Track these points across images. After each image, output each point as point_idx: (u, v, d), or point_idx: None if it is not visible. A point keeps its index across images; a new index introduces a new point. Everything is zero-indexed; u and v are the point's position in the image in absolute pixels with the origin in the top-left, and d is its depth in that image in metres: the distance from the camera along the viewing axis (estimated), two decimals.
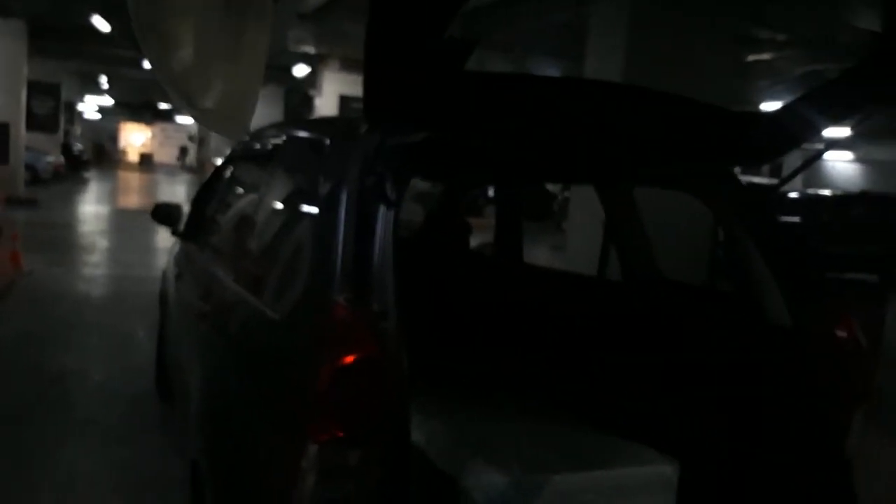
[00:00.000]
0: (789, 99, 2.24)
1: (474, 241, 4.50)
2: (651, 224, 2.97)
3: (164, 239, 4.12)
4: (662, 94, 2.06)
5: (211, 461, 2.13)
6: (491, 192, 10.99)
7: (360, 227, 1.72)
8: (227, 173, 3.57)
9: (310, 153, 2.25)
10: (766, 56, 11.33)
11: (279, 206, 2.51)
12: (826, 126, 2.19)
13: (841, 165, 25.58)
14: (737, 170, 2.51)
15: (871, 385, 2.16)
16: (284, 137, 2.68)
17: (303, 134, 2.51)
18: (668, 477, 2.14)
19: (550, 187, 20.52)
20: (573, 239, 7.01)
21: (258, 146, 3.04)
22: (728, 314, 2.49)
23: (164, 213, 3.97)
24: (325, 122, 3.30)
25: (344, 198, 1.79)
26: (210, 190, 3.74)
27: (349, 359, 1.54)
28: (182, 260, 3.69)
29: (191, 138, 40.75)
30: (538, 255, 7.17)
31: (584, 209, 6.44)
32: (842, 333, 2.14)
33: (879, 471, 2.53)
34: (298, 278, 1.90)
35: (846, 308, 2.24)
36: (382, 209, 1.72)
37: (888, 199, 14.11)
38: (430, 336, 2.98)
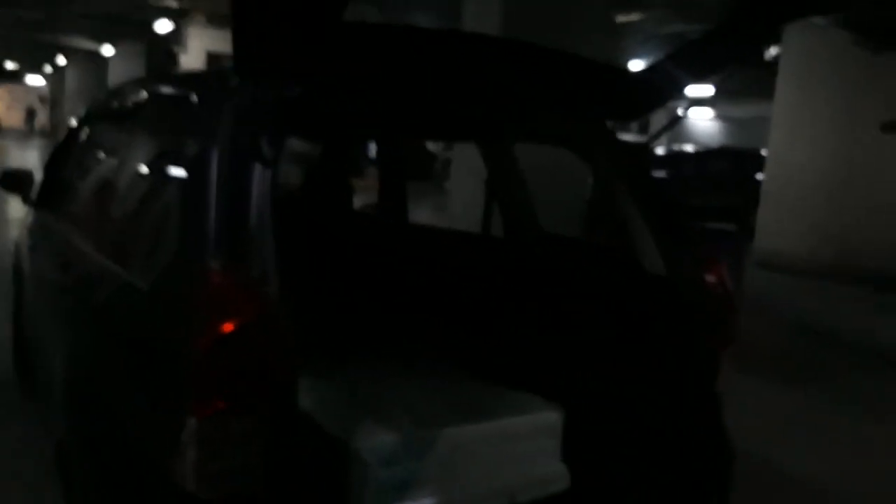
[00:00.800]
0: (656, 58, 2.30)
1: (357, 202, 4.43)
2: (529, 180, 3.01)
3: (18, 209, 3.79)
4: (538, 47, 2.06)
5: (78, 441, 2.01)
6: (373, 153, 10.90)
7: (234, 188, 1.62)
8: (84, 135, 3.30)
9: (175, 110, 2.09)
10: (634, 17, 11.74)
11: (144, 168, 2.34)
12: (691, 84, 2.27)
13: (702, 123, 27.15)
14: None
15: (736, 326, 2.30)
16: (146, 94, 2.50)
17: (167, 90, 2.34)
18: (553, 423, 2.21)
19: (431, 147, 20.60)
20: (455, 198, 7.07)
21: (117, 104, 2.81)
22: (606, 265, 2.57)
23: (12, 181, 3.64)
24: (192, 76, 3.09)
25: (215, 157, 1.68)
26: (65, 154, 3.45)
27: (227, 327, 1.46)
28: (37, 231, 3.40)
29: (41, 99, 37.58)
30: (421, 215, 7.18)
31: (465, 168, 6.50)
32: (711, 279, 2.27)
33: (740, 403, 2.73)
34: (168, 245, 1.77)
35: (714, 255, 2.37)
36: (258, 168, 1.62)
37: (745, 153, 15.16)
38: (316, 298, 2.92)
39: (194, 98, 1.98)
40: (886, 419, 4.78)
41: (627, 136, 16.38)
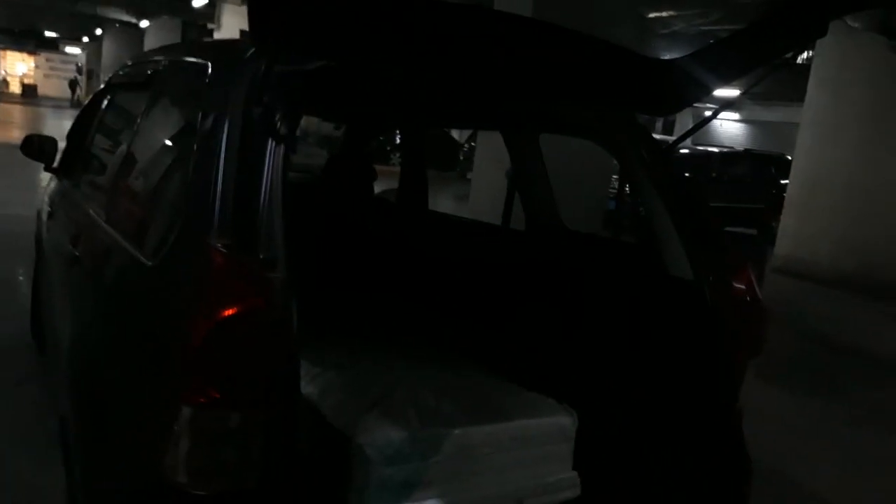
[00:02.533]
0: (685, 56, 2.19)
1: (379, 188, 4.34)
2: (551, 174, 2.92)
3: (48, 176, 3.77)
4: (569, 31, 1.94)
5: (80, 419, 1.94)
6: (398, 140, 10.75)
7: (244, 164, 1.53)
8: (104, 103, 3.24)
9: (190, 79, 2.01)
10: (665, 13, 11.54)
11: (156, 138, 2.26)
12: (719, 85, 2.16)
13: (728, 125, 26.82)
14: None
15: (764, 335, 2.20)
16: (165, 62, 2.42)
17: (185, 58, 2.26)
18: (567, 427, 2.13)
19: (456, 136, 20.47)
20: (478, 188, 6.97)
21: (137, 73, 2.75)
22: (629, 265, 2.47)
23: (35, 147, 3.60)
24: (210, 44, 3.01)
25: (225, 130, 1.59)
26: (86, 121, 3.40)
27: (228, 312, 1.36)
28: (56, 198, 3.37)
29: (79, 70, 37.71)
30: (443, 203, 7.10)
31: (489, 158, 6.39)
32: (739, 285, 2.16)
33: (759, 413, 2.63)
34: (174, 221, 1.69)
35: (744, 261, 2.26)
36: (271, 144, 1.53)
37: (769, 157, 14.93)
38: (328, 284, 2.85)
39: (209, 67, 1.89)
40: None
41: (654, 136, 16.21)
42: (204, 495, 1.40)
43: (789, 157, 11.84)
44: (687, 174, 13.89)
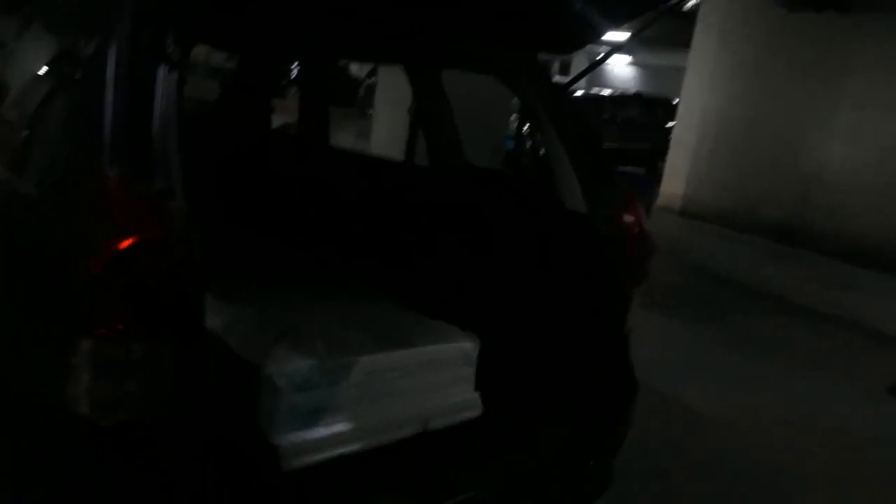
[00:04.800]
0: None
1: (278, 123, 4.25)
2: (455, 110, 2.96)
3: None
4: None
5: None
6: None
7: (136, 89, 1.47)
8: None
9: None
10: None
11: (39, 63, 2.13)
12: (615, 26, 2.25)
13: (619, 69, 27.49)
14: None
15: (649, 265, 2.37)
16: None
17: None
18: (469, 352, 2.23)
19: (356, 73, 19.95)
20: (379, 125, 6.92)
21: None
22: (528, 200, 2.58)
23: None
24: None
25: (114, 53, 1.52)
26: None
27: (126, 242, 1.34)
28: None
29: None
30: (344, 140, 7.00)
31: (390, 94, 6.33)
32: (628, 220, 2.31)
33: (643, 338, 2.84)
34: (61, 149, 1.62)
35: (632, 197, 2.41)
36: (163, 70, 1.48)
37: (657, 100, 15.52)
38: (230, 218, 2.80)
39: None
40: (773, 356, 5.13)
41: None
42: (109, 426, 1.40)
43: (676, 101, 12.35)
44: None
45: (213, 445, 1.59)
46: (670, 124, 12.30)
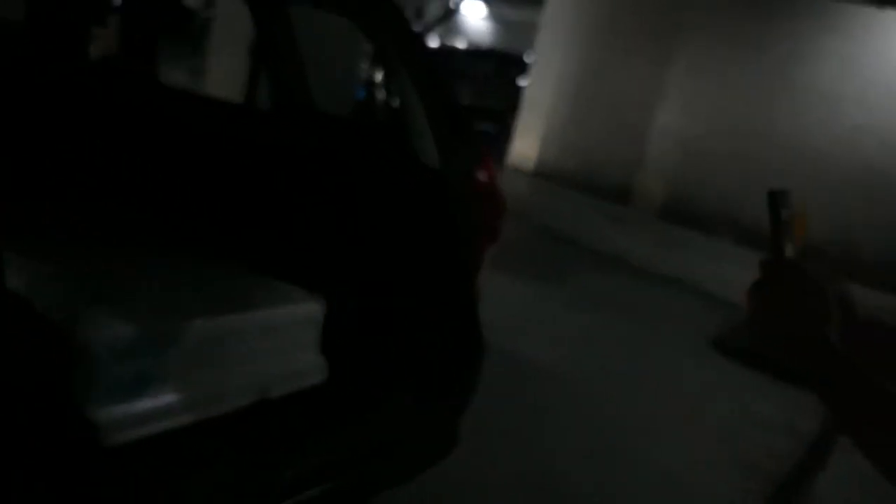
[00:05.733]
0: None
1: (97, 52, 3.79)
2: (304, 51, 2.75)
3: None
4: None
5: None
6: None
7: None
8: None
9: None
10: None
11: None
12: None
13: (475, 22, 27.62)
14: None
15: (500, 224, 2.33)
16: None
17: None
18: (314, 314, 2.11)
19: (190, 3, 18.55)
20: (216, 63, 6.44)
21: None
22: (378, 151, 2.45)
23: None
24: None
25: None
26: None
27: None
28: None
29: None
30: (174, 77, 6.45)
31: (230, 29, 5.90)
32: (482, 177, 2.25)
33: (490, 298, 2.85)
34: None
35: (486, 155, 2.35)
36: None
37: (512, 57, 15.72)
38: (35, 164, 2.46)
39: None
40: (611, 314, 5.40)
41: None
42: None
43: (529, 59, 12.57)
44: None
45: (18, 422, 1.39)
46: (523, 82, 12.50)
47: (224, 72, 5.53)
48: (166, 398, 1.76)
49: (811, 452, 1.13)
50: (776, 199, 0.88)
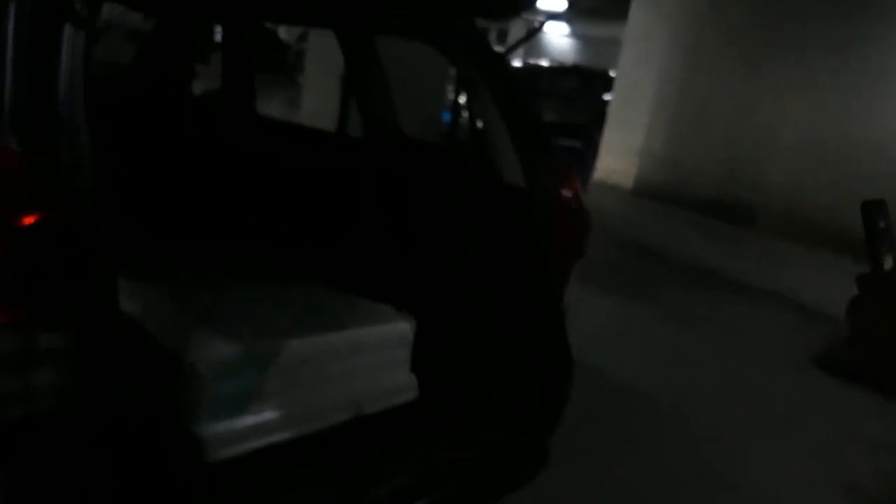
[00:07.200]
0: None
1: (200, 89, 4.03)
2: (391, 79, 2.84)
3: None
4: None
5: None
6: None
7: (38, 51, 1.33)
8: None
9: None
10: None
11: None
12: None
13: (557, 40, 27.57)
14: None
15: (586, 241, 2.33)
16: None
17: None
18: (405, 333, 2.16)
19: (285, 37, 19.37)
20: (310, 93, 6.71)
21: None
22: (466, 174, 2.50)
23: None
24: None
25: (14, 11, 1.37)
26: None
27: (28, 220, 1.21)
28: None
29: None
30: (271, 109, 6.76)
31: (322, 61, 6.13)
32: (567, 193, 2.25)
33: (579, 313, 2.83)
34: None
35: (570, 171, 2.36)
36: (69, 29, 1.33)
37: (595, 73, 15.58)
38: (145, 192, 2.63)
39: None
40: (705, 331, 5.24)
41: None
42: (10, 422, 1.27)
43: (613, 74, 12.43)
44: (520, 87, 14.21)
45: (132, 439, 1.49)
46: (608, 97, 12.37)
47: (318, 102, 5.76)
48: (266, 415, 1.85)
49: None
50: (871, 211, 0.86)
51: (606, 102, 12.08)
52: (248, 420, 1.82)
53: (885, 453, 3.63)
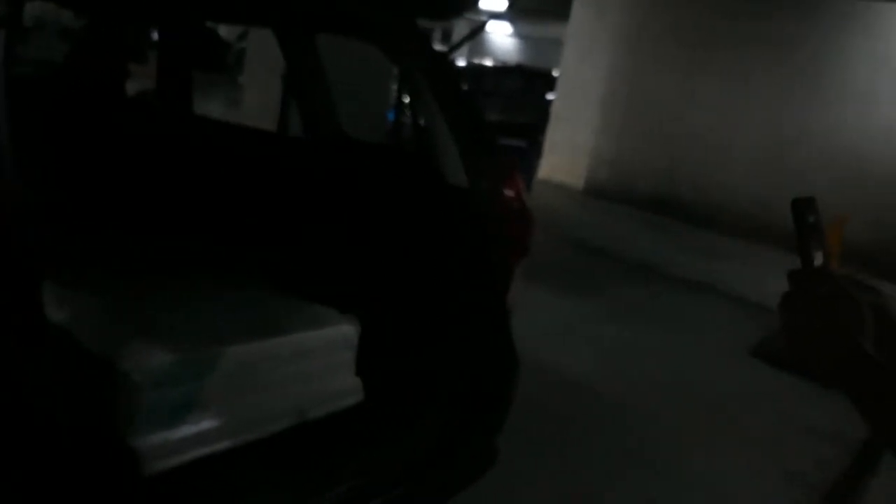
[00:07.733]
0: None
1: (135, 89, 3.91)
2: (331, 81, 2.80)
3: None
4: None
5: None
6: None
7: None
8: None
9: None
10: None
11: None
12: None
13: (500, 39, 27.74)
14: None
15: (530, 239, 2.33)
16: None
17: None
18: (349, 336, 2.13)
19: (224, 35, 18.95)
20: (250, 93, 6.59)
21: None
22: (409, 174, 2.48)
23: None
24: None
25: None
26: None
27: None
28: None
29: None
30: (210, 108, 6.61)
31: (262, 61, 6.02)
32: (509, 193, 2.26)
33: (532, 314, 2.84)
34: None
35: (513, 170, 2.36)
36: None
37: (538, 72, 15.73)
38: (78, 195, 2.54)
39: None
40: (649, 325, 5.33)
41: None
42: None
43: (556, 73, 12.56)
44: (464, 86, 14.24)
45: (62, 452, 1.42)
46: (551, 96, 12.49)
47: (258, 101, 5.65)
48: (206, 424, 1.79)
49: (859, 459, 1.10)
50: (801, 208, 0.87)
51: (550, 102, 12.21)
52: (187, 430, 1.77)
53: (824, 441, 3.75)
